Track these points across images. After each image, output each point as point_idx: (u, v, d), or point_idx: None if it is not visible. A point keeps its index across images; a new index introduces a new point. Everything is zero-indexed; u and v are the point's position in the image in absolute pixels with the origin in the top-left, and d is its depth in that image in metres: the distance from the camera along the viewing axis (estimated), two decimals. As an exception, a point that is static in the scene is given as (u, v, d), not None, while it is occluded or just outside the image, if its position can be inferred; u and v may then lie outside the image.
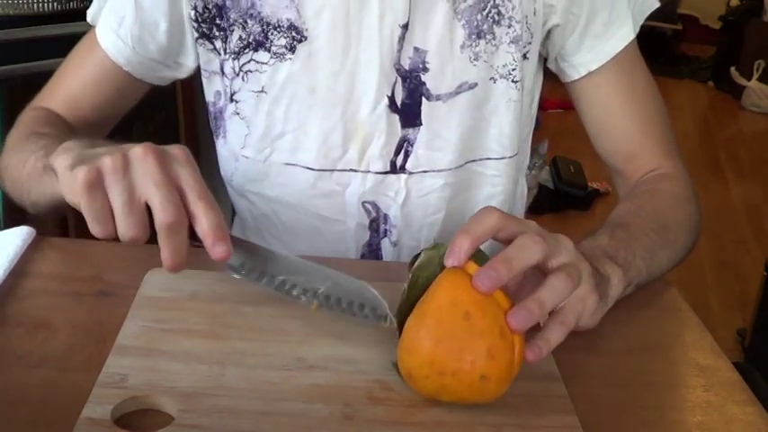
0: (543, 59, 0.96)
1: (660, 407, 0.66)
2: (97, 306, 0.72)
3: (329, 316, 0.66)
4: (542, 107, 2.32)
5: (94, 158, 0.61)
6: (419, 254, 0.63)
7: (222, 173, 0.99)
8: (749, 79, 4.27)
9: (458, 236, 0.60)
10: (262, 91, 0.88)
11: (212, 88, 0.93)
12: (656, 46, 4.49)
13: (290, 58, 0.86)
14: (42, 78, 0.97)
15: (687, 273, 2.38)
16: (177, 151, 0.62)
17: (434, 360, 0.57)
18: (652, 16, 0.95)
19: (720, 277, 2.58)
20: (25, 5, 1.43)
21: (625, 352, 0.72)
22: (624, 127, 0.94)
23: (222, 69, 0.90)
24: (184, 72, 0.94)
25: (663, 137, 0.95)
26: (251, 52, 0.87)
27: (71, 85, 0.94)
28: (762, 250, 2.36)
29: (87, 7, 0.95)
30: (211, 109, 0.95)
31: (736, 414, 0.65)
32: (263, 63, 0.87)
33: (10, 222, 1.33)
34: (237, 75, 0.89)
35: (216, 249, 0.60)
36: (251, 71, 0.88)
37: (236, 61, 0.88)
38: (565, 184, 3.03)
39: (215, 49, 0.89)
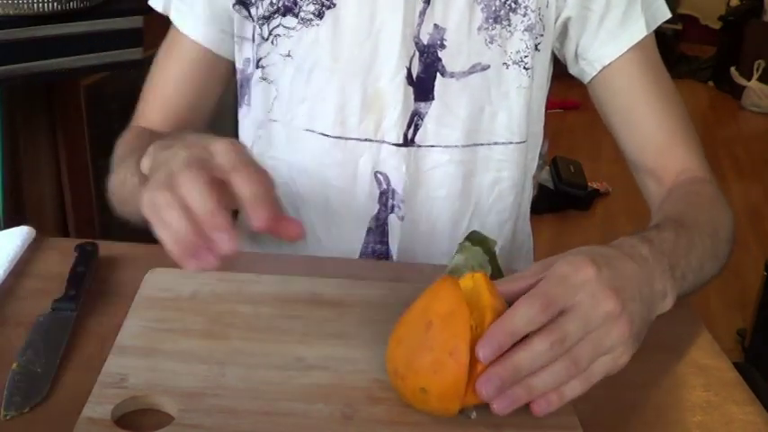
0: (555, 60, 0.98)
1: (660, 407, 0.66)
2: (97, 306, 0.72)
3: None
4: (542, 107, 2.33)
5: (158, 176, 0.58)
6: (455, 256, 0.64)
7: (241, 142, 1.00)
8: (749, 79, 4.27)
9: (497, 331, 0.56)
10: (288, 55, 0.91)
11: (242, 55, 0.95)
12: (656, 46, 4.48)
13: (317, 24, 0.89)
14: (42, 78, 0.96)
15: (687, 273, 2.36)
16: (220, 147, 0.58)
17: (392, 359, 0.59)
18: (653, 16, 0.94)
19: (720, 277, 2.57)
20: (25, 5, 1.43)
21: (625, 352, 0.72)
22: (651, 118, 0.93)
23: (253, 36, 0.93)
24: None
25: (690, 135, 0.94)
26: (279, 17, 0.90)
27: (162, 89, 0.97)
28: (762, 250, 2.36)
29: (87, 7, 0.95)
30: (239, 77, 0.97)
31: (736, 414, 0.65)
32: (290, 28, 0.90)
33: (10, 222, 1.33)
34: (266, 39, 0.92)
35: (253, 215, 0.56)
36: (279, 35, 0.91)
37: (264, 26, 0.91)
38: (565, 184, 3.03)
39: (249, 15, 0.92)
